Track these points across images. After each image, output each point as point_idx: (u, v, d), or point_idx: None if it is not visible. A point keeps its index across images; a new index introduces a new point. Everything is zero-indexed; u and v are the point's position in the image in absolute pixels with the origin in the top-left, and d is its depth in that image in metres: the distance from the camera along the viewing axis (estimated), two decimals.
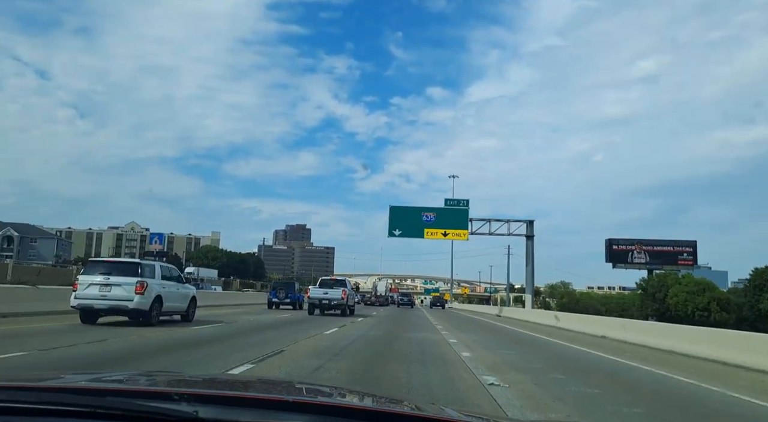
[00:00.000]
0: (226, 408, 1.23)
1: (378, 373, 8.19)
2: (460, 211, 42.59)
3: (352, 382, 7.04)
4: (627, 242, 39.24)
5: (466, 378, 7.98)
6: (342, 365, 8.61)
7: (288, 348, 10.65)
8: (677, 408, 7.03)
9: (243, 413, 1.20)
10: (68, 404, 1.17)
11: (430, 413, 1.38)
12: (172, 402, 1.21)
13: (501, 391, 6.86)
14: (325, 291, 25.20)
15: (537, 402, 6.35)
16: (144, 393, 1.42)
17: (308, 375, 7.45)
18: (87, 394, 1.29)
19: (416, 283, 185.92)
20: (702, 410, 7.04)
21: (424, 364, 9.30)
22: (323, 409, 1.31)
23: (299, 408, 1.28)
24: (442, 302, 73.45)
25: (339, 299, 24.83)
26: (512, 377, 8.26)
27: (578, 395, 7.05)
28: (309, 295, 25.35)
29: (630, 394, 7.55)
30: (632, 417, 5.95)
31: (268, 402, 1.36)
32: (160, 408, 1.15)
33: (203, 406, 1.18)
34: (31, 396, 1.23)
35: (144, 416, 1.14)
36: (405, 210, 43.65)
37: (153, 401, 1.22)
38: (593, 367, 11.01)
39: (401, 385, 7.02)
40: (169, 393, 1.31)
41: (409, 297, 67.66)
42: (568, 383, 8.01)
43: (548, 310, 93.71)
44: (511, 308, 55.09)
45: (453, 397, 6.37)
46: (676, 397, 7.81)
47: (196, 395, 1.30)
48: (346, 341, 12.90)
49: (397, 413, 1.38)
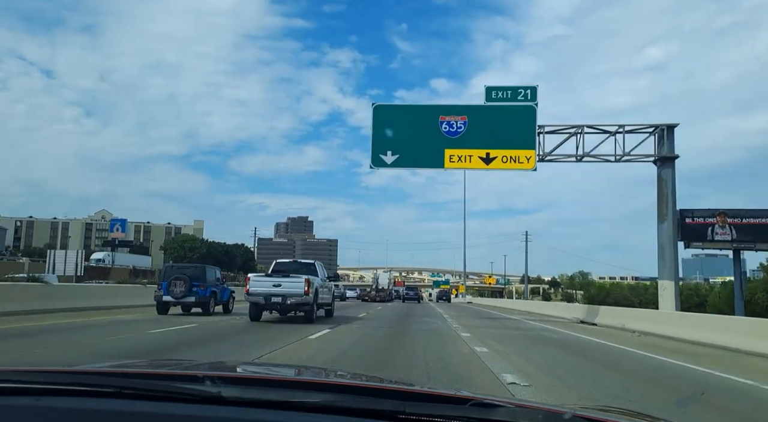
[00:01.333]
0: (248, 388, 1.27)
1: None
2: (519, 110, 21.16)
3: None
4: (706, 213, 28.69)
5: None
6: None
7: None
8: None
9: (265, 392, 1.23)
10: (94, 385, 1.22)
11: (444, 392, 1.41)
12: (196, 382, 1.25)
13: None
14: (275, 281, 15.71)
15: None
16: (168, 376, 1.47)
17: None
18: (113, 376, 1.34)
19: (424, 276, 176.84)
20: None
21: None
22: (343, 388, 1.39)
23: (320, 388, 1.37)
24: (448, 295, 72.33)
25: (299, 295, 15.38)
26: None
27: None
28: (248, 289, 15.81)
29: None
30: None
31: (289, 383, 1.44)
32: (184, 388, 1.19)
33: (226, 386, 1.22)
34: (57, 378, 1.28)
35: (168, 396, 1.16)
36: (405, 111, 22.57)
37: (176, 382, 1.27)
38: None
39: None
40: (192, 375, 1.39)
41: (415, 291, 59.78)
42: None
43: (574, 303, 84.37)
44: (558, 304, 45.50)
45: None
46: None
47: (220, 377, 1.33)
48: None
49: (417, 392, 1.41)
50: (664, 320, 16.91)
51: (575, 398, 6.01)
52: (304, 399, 1.17)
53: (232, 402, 1.14)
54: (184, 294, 17.82)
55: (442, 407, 1.16)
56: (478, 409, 1.14)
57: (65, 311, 16.73)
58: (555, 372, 8.08)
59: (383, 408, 1.13)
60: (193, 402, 1.15)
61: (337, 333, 13.49)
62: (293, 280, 15.66)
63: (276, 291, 15.49)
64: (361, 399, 1.20)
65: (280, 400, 1.15)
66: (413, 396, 1.32)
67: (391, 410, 1.11)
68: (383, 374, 4.99)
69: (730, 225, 31.97)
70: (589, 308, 26.14)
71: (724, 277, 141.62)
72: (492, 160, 20.90)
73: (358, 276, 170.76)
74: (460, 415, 1.11)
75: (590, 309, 25.20)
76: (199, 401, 1.15)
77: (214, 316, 17.70)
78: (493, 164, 20.97)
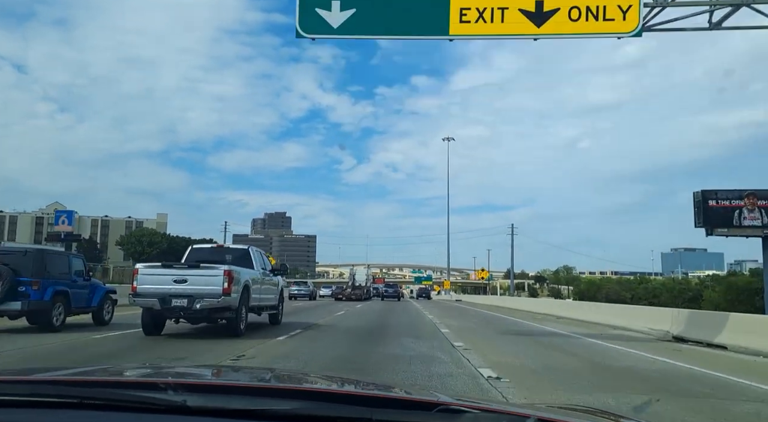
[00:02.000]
0: (213, 396, 1.24)
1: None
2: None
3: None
4: (732, 195, 23.46)
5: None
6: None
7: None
8: None
9: (231, 400, 1.19)
10: (55, 396, 1.17)
11: (419, 397, 1.40)
12: (160, 391, 1.20)
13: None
14: (178, 275, 10.35)
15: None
16: (132, 384, 1.42)
17: None
18: (74, 386, 1.28)
19: (405, 272, 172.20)
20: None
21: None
22: (311, 395, 1.35)
23: (287, 395, 1.31)
24: (428, 293, 70.69)
25: (215, 295, 10.08)
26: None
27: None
28: (135, 286, 10.38)
29: None
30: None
31: (255, 390, 1.40)
32: (148, 398, 1.15)
33: (191, 395, 1.18)
34: (17, 388, 1.24)
35: (132, 406, 1.14)
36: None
37: (141, 391, 1.22)
38: None
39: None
40: (156, 383, 1.32)
41: (395, 289, 55.51)
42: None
43: (563, 299, 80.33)
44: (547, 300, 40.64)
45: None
46: None
47: (184, 384, 1.30)
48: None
49: (384, 397, 1.40)
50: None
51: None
52: (271, 407, 1.15)
53: (197, 411, 1.12)
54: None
55: (409, 413, 1.18)
56: (443, 415, 1.15)
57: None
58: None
59: (351, 416, 1.13)
60: (157, 412, 1.12)
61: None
62: (206, 273, 10.34)
63: (179, 290, 10.18)
64: (329, 407, 1.19)
65: (248, 409, 1.13)
66: (381, 401, 1.30)
67: (358, 418, 1.12)
68: (356, 376, 4.65)
69: (760, 209, 27.47)
70: (691, 315, 14.84)
71: (703, 271, 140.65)
72: (548, 16, 10.86)
73: (338, 273, 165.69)
74: (425, 421, 1.13)
75: (696, 317, 14.50)
76: (163, 411, 1.12)
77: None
78: (551, 24, 10.88)
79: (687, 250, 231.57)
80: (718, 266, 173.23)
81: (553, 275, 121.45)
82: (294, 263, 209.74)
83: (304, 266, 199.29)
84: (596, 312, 22.37)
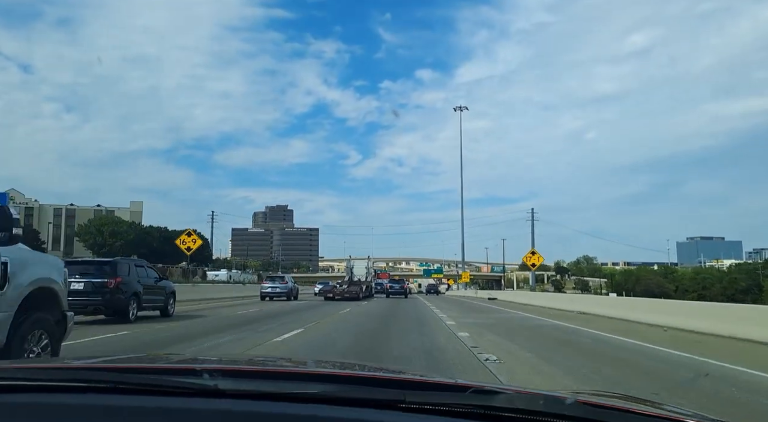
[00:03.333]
0: (245, 380, 1.27)
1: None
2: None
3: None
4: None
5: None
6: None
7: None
8: None
9: (262, 384, 1.23)
10: (90, 381, 1.22)
11: (451, 381, 1.41)
12: (192, 375, 1.26)
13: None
14: None
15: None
16: (164, 370, 1.47)
17: None
18: (109, 372, 1.35)
19: (412, 266, 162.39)
20: None
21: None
22: (341, 379, 1.38)
23: (317, 379, 1.35)
24: (436, 288, 66.74)
25: None
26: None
27: None
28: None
29: None
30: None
31: (286, 374, 1.45)
32: (180, 382, 1.19)
33: (223, 379, 1.21)
34: (54, 374, 1.29)
35: (165, 390, 1.16)
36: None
37: (173, 376, 1.27)
38: None
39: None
40: (189, 369, 1.42)
41: (401, 284, 47.03)
42: None
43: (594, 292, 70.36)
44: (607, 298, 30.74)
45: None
46: None
47: (216, 369, 1.34)
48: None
49: (416, 381, 1.42)
50: None
51: None
52: (302, 390, 1.16)
53: (229, 394, 1.13)
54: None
55: (442, 395, 1.17)
56: (477, 396, 1.14)
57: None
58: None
59: (383, 398, 1.13)
60: (190, 396, 1.14)
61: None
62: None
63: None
64: (361, 389, 1.19)
65: (279, 392, 1.15)
66: (413, 384, 1.32)
67: (391, 399, 1.11)
68: (381, 364, 4.79)
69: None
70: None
71: (721, 260, 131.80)
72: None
73: (343, 267, 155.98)
74: (459, 402, 1.12)
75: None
76: (196, 394, 1.15)
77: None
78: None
79: (704, 239, 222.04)
80: (736, 255, 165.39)
81: (574, 266, 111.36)
82: (296, 257, 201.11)
83: (306, 260, 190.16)
84: (686, 313, 15.37)
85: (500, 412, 1.07)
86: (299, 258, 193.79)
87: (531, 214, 66.13)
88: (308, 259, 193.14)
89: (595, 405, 1.13)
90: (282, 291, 32.65)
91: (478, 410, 1.08)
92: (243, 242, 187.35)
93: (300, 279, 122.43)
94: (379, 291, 48.24)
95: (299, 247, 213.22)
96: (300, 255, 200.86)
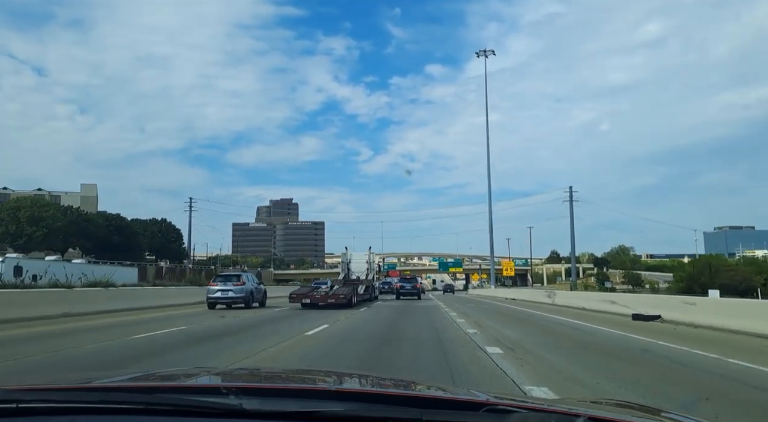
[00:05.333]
0: (269, 399, 1.32)
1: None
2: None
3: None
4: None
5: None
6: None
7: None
8: None
9: (286, 403, 1.28)
10: (121, 402, 1.27)
11: (467, 397, 1.50)
12: (218, 395, 1.30)
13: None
14: None
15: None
16: (192, 389, 1.54)
17: None
18: (137, 392, 1.41)
19: (424, 261, 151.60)
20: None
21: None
22: (362, 396, 1.41)
23: (339, 397, 1.37)
24: (452, 288, 64.24)
25: None
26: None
27: None
28: None
29: None
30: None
31: (309, 392, 1.51)
32: (207, 402, 1.24)
33: (247, 398, 1.26)
34: (86, 396, 1.33)
35: (193, 410, 1.22)
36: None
37: (199, 395, 1.33)
38: None
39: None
40: (215, 387, 1.47)
41: (413, 283, 39.03)
42: None
43: (650, 289, 59.36)
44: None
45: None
46: None
47: (240, 388, 1.39)
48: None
49: (433, 398, 1.50)
50: None
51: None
52: (324, 409, 1.21)
53: (254, 414, 1.19)
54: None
55: (458, 414, 1.24)
56: (491, 415, 1.20)
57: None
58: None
59: (402, 416, 1.20)
60: (216, 416, 1.20)
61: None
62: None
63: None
64: (381, 408, 1.24)
65: (302, 410, 1.20)
66: (430, 402, 1.37)
67: (409, 418, 1.18)
68: (404, 376, 5.23)
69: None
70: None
71: (752, 251, 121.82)
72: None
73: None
74: (474, 421, 1.19)
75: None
76: (222, 415, 1.20)
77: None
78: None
79: (733, 228, 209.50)
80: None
81: (611, 258, 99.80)
82: (300, 253, 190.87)
83: (312, 256, 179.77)
84: None
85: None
86: (304, 254, 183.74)
87: (569, 194, 55.23)
88: (314, 255, 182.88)
89: (606, 420, 1.20)
90: (237, 296, 22.61)
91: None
92: (244, 238, 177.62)
93: (301, 277, 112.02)
94: (387, 291, 43.79)
95: (304, 243, 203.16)
96: (305, 251, 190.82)
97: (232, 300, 22.57)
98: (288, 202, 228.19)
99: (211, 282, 24.38)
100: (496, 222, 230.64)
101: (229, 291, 22.55)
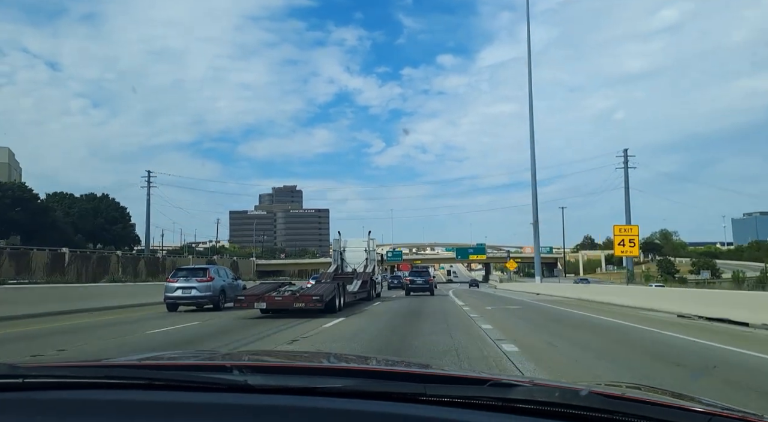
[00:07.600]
0: (273, 375, 1.35)
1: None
2: None
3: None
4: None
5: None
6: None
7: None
8: None
9: (289, 379, 1.32)
10: (126, 377, 1.32)
11: (471, 374, 1.52)
12: (223, 372, 1.34)
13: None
14: None
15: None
16: (196, 366, 1.58)
17: None
18: (143, 369, 1.47)
19: (437, 251, 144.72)
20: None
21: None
22: (365, 373, 1.45)
23: (342, 374, 1.41)
24: (477, 282, 63.61)
25: None
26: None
27: None
28: None
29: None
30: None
31: (312, 369, 1.54)
32: (212, 378, 1.28)
33: (252, 375, 1.29)
34: (93, 372, 1.39)
35: (197, 386, 1.25)
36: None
37: (204, 372, 1.38)
38: None
39: None
40: (219, 365, 1.51)
41: (425, 277, 35.03)
42: None
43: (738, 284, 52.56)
44: None
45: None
46: None
47: (245, 365, 1.42)
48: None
49: (436, 374, 1.51)
50: None
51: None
52: (327, 385, 1.24)
53: (258, 389, 1.22)
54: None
55: (462, 388, 1.24)
56: (496, 389, 1.21)
57: None
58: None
59: (405, 391, 1.20)
60: (220, 391, 1.23)
61: None
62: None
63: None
64: (383, 383, 1.27)
65: (305, 386, 1.23)
66: (433, 378, 1.39)
67: (412, 393, 1.19)
68: (403, 357, 5.01)
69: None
70: None
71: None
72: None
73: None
74: (479, 395, 1.19)
75: None
76: (226, 389, 1.23)
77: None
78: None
79: (763, 214, 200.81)
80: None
81: (648, 244, 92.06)
82: (303, 243, 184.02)
83: (315, 246, 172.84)
84: None
85: (517, 404, 1.14)
86: (307, 244, 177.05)
87: (624, 157, 48.20)
88: (317, 245, 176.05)
89: (610, 395, 1.18)
90: (202, 295, 16.53)
91: (496, 402, 1.15)
92: (243, 226, 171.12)
93: (294, 267, 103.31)
94: (397, 286, 42.49)
95: (307, 232, 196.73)
96: (308, 241, 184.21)
97: (195, 301, 17.05)
98: (291, 190, 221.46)
99: (169, 278, 18.37)
100: (519, 208, 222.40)
101: (192, 289, 16.96)
